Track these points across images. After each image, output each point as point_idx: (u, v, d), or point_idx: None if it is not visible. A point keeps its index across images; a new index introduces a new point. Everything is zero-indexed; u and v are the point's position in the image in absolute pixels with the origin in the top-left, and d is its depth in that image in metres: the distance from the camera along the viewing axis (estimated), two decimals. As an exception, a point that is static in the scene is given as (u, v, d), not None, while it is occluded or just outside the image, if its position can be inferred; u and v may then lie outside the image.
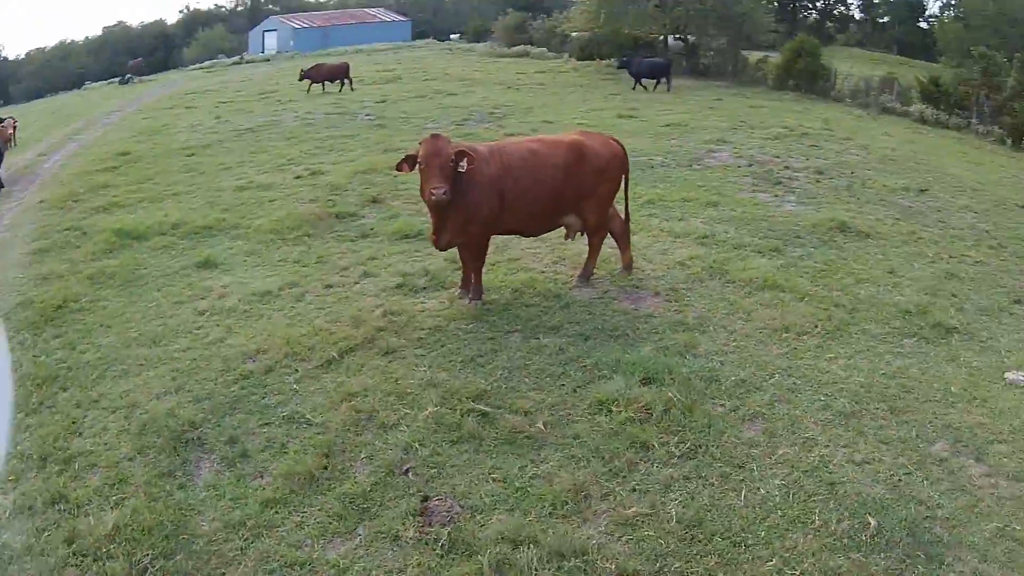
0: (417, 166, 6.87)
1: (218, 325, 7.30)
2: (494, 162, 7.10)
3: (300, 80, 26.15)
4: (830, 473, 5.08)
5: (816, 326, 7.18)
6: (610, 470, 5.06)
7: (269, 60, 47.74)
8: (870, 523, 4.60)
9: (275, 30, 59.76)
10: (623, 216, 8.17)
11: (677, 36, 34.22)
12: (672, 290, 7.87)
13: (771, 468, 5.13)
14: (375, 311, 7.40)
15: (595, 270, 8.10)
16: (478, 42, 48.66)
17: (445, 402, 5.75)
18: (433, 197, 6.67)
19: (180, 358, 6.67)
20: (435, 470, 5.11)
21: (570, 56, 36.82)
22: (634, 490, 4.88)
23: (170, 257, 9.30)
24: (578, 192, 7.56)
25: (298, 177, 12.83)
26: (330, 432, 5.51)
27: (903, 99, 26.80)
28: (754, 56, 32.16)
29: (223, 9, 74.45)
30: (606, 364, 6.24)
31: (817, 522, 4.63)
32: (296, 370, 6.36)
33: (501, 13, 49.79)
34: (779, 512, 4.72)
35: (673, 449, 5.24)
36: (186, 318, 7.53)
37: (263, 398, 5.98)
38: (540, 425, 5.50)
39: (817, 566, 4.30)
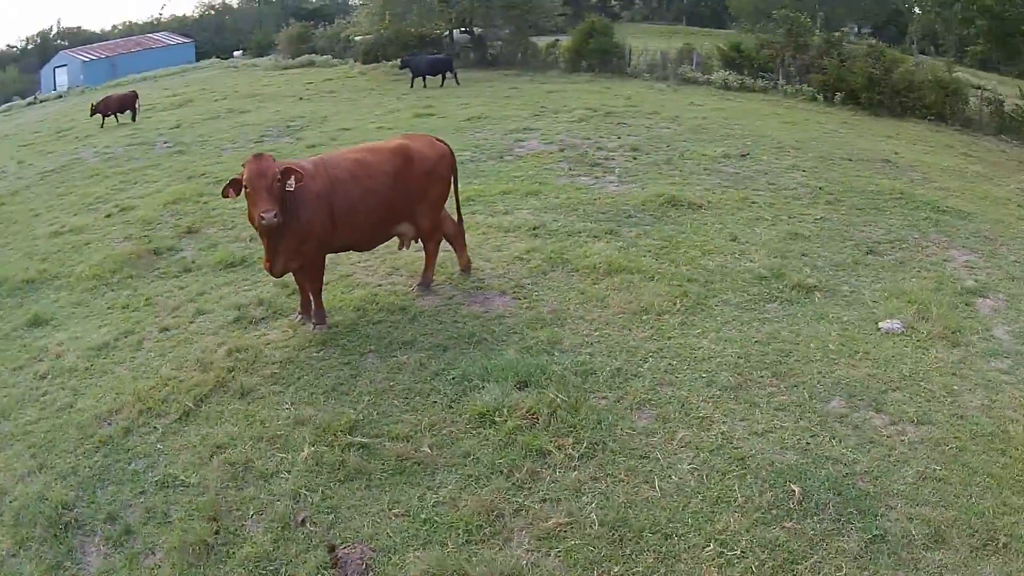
0: (243, 190, 6.75)
1: (63, 388, 7.09)
2: (320, 177, 7.15)
3: (92, 116, 25.33)
4: (736, 448, 5.33)
5: (674, 304, 7.54)
6: (513, 484, 5.09)
7: (62, 97, 46.16)
8: (794, 490, 4.86)
9: (65, 65, 59.05)
10: (455, 217, 8.31)
11: (463, 29, 35.10)
12: (518, 287, 8.09)
13: (676, 453, 5.31)
14: (219, 351, 7.31)
15: (434, 276, 8.17)
16: (262, 56, 48.28)
17: (320, 439, 5.69)
18: (263, 222, 6.60)
19: (34, 431, 6.43)
20: (332, 515, 5.01)
21: (355, 61, 36.93)
22: (545, 500, 4.92)
23: (-2, 319, 9.10)
24: (409, 197, 7.69)
25: (108, 216, 12.69)
26: (210, 491, 5.34)
27: (703, 68, 28.62)
28: (544, 41, 33.57)
29: (15, 49, 74.07)
30: (474, 373, 6.33)
31: (740, 499, 4.83)
32: (155, 428, 6.19)
33: (283, 25, 50.05)
34: (699, 496, 4.88)
35: (571, 451, 5.35)
36: (29, 385, 7.30)
37: (129, 463, 5.79)
38: (426, 448, 5.52)
39: (754, 542, 4.49)
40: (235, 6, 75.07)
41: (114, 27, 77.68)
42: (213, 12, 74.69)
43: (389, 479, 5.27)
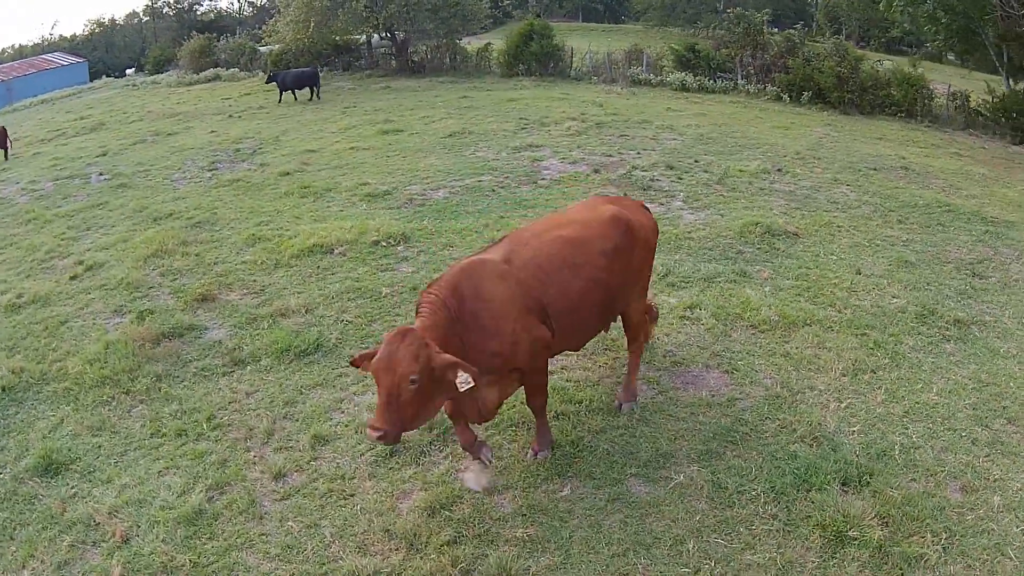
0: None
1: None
2: (523, 273, 5.33)
3: None
4: (1037, 505, 5.46)
5: (876, 357, 7.37)
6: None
7: (-40, 125, 42.81)
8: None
9: (-39, 92, 54.43)
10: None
11: (384, 35, 33.82)
12: (716, 356, 7.30)
13: (1001, 520, 5.33)
14: (405, 509, 5.25)
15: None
16: (160, 73, 45.32)
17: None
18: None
19: None
20: None
21: (264, 73, 35.12)
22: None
23: (-16, 459, 6.19)
24: (628, 281, 6.11)
25: (74, 277, 9.90)
26: None
27: (653, 69, 28.28)
28: (471, 45, 32.67)
29: (-95, 78, 67.12)
30: (785, 484, 5.60)
31: (1073, 550, 5.02)
32: None
33: (181, 39, 47.49)
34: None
35: (937, 548, 5.05)
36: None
37: None
38: None
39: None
40: (120, 22, 71.48)
41: (3, 50, 73.68)
42: (100, 29, 70.75)
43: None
